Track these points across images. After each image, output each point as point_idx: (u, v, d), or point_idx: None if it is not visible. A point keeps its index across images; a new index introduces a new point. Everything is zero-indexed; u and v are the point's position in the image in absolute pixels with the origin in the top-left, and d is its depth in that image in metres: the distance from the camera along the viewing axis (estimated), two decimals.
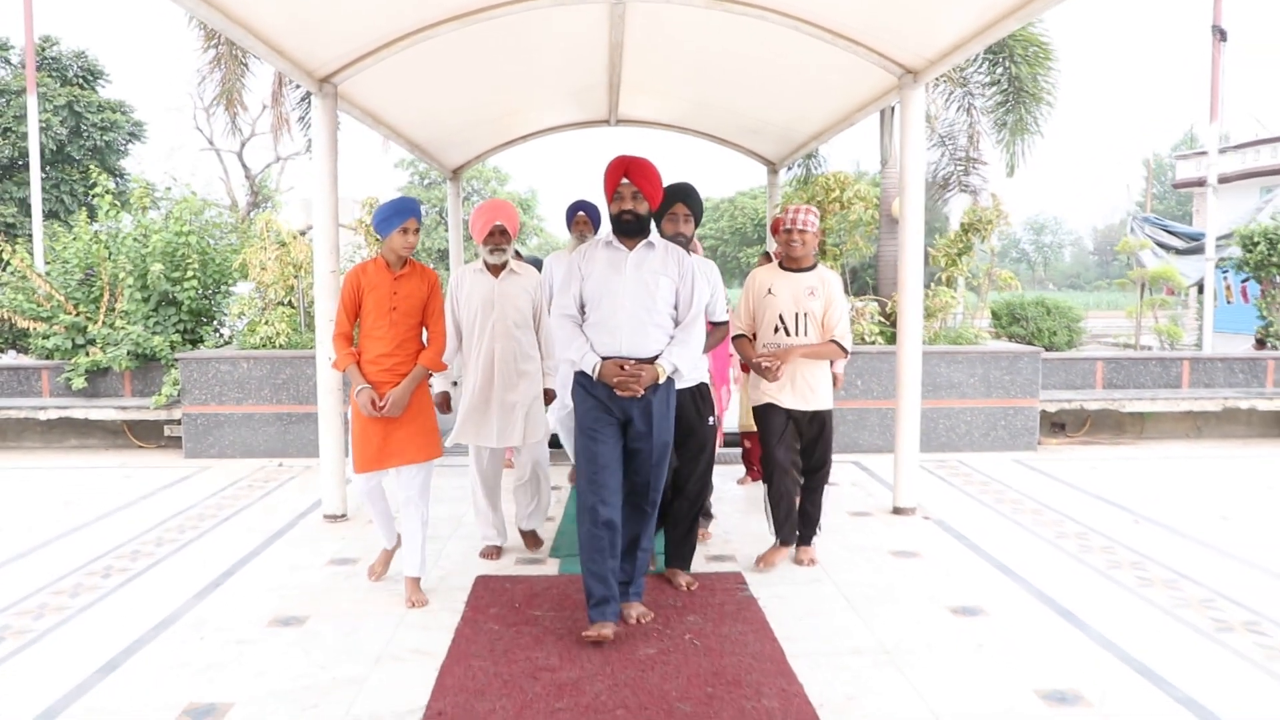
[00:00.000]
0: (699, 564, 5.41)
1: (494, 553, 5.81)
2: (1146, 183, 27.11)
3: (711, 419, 5.13)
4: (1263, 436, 10.25)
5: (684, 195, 5.12)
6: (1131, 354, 10.64)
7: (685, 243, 5.04)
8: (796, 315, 5.35)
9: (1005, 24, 5.48)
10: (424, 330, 5.05)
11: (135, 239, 9.82)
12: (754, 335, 5.56)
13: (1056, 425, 10.08)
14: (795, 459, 5.51)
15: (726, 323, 5.25)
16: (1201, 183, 32.92)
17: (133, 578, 5.44)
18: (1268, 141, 31.35)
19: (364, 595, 5.03)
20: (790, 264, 5.47)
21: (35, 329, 9.73)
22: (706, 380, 5.15)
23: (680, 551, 5.21)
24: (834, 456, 5.70)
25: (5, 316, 9.90)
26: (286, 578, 5.40)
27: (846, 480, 7.87)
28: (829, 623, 4.67)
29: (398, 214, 4.83)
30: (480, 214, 5.47)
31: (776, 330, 5.38)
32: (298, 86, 13.87)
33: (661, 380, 4.45)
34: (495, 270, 5.49)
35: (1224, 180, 31.18)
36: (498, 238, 5.40)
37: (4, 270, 10.50)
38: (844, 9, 6.12)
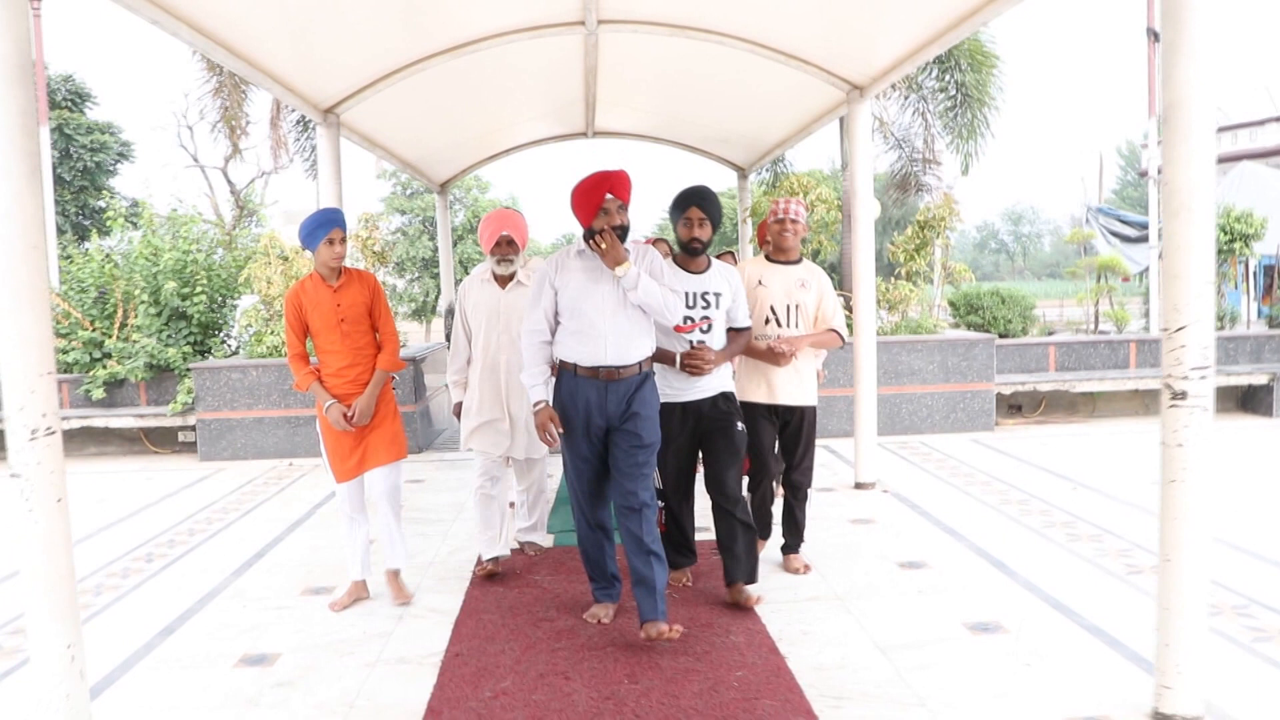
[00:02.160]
0: None
1: (493, 564, 5.50)
2: (1100, 174, 27.86)
3: (740, 424, 4.89)
4: None
5: (699, 199, 4.86)
6: (1082, 337, 11.38)
7: (701, 249, 4.85)
8: (788, 307, 5.28)
9: (932, 48, 6.16)
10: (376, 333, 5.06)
11: (146, 258, 10.43)
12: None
13: (1013, 407, 10.79)
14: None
15: (749, 328, 5.06)
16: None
17: (173, 561, 6.10)
18: (1228, 129, 32.19)
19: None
20: (779, 256, 5.40)
21: (54, 345, 10.33)
22: (731, 389, 4.98)
23: (743, 568, 4.89)
24: None
25: None
26: (311, 556, 6.05)
27: (815, 462, 8.52)
28: (791, 577, 5.34)
29: (321, 226, 4.79)
30: (487, 224, 5.36)
31: (767, 322, 5.27)
32: (293, 110, 14.52)
33: (620, 273, 4.27)
34: (503, 281, 5.39)
35: None
36: (505, 248, 5.31)
37: None
38: (793, 33, 6.79)
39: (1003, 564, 5.49)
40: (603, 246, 4.28)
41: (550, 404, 4.52)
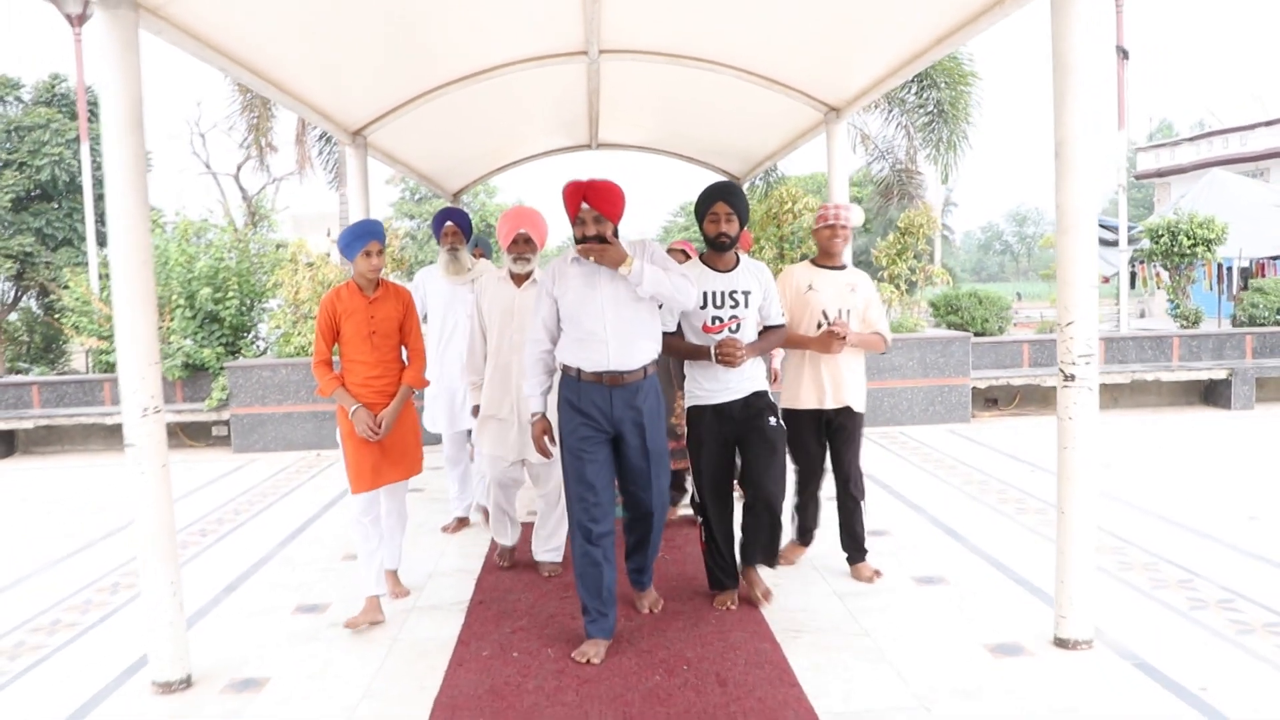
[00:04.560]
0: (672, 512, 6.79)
1: (507, 555, 5.80)
2: None
3: (774, 419, 4.80)
4: (1171, 405, 11.76)
5: (725, 193, 4.77)
6: (1054, 336, 12.11)
7: (730, 244, 4.75)
8: (840, 311, 5.24)
9: (896, 77, 6.88)
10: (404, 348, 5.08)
11: (182, 265, 11.24)
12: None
13: (990, 400, 11.56)
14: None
15: (783, 325, 5.00)
16: (1160, 174, 34.67)
17: (224, 535, 6.89)
18: (1219, 133, 32.97)
19: (413, 539, 6.37)
20: (827, 261, 5.37)
21: (97, 346, 11.18)
22: (765, 388, 4.88)
23: (761, 549, 4.92)
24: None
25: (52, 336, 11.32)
26: (347, 531, 6.82)
27: None
28: None
29: (359, 238, 4.80)
30: (504, 221, 5.31)
31: (819, 326, 5.23)
32: (315, 126, 15.39)
33: (625, 272, 4.26)
34: (518, 280, 5.37)
35: (1182, 170, 32.84)
36: (521, 246, 5.28)
37: (67, 294, 11.94)
38: (776, 60, 7.53)
39: (954, 531, 6.27)
40: (592, 259, 4.29)
41: (546, 414, 4.59)
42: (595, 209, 4.30)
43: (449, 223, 6.54)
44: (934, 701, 3.81)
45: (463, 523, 6.74)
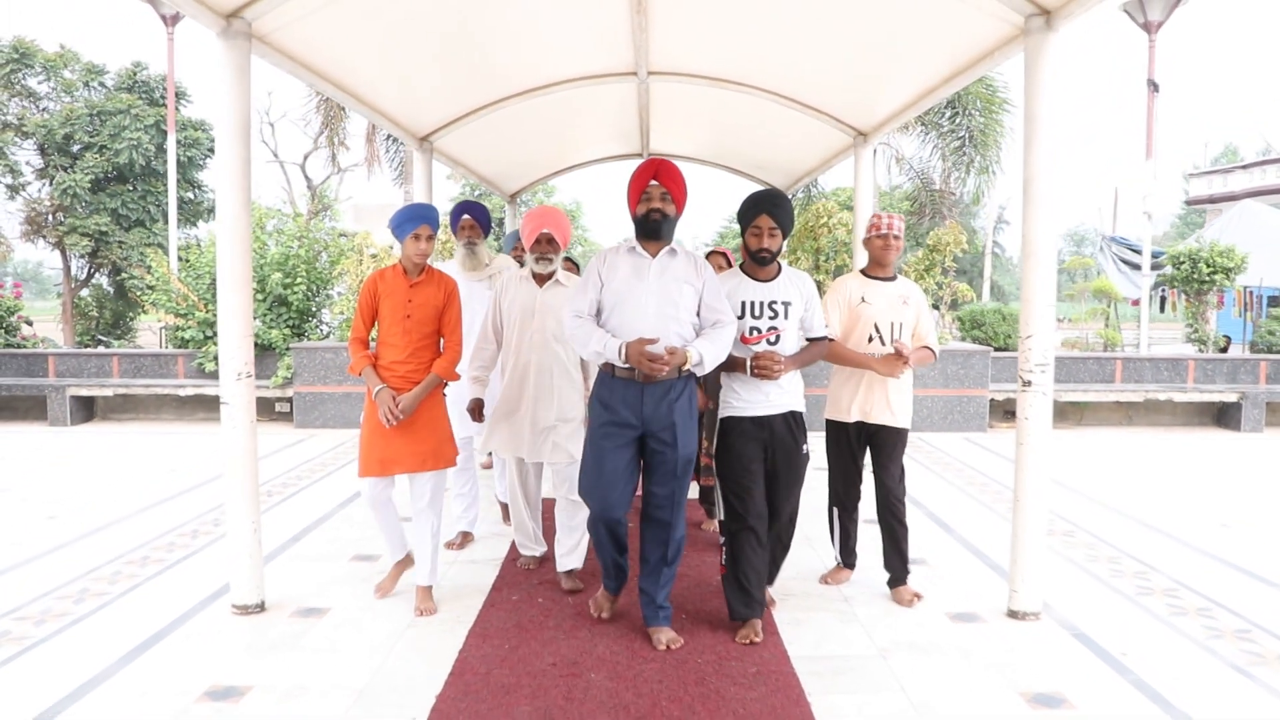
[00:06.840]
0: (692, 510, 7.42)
1: (532, 563, 5.77)
2: (1115, 205, 28.89)
3: (806, 447, 4.79)
4: (1185, 425, 12.24)
5: (770, 204, 4.60)
6: (1074, 353, 12.66)
7: (771, 258, 4.61)
8: (892, 325, 5.17)
9: (921, 104, 7.48)
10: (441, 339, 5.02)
11: (255, 251, 12.11)
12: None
13: (1009, 412, 12.10)
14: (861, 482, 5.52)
15: (825, 338, 4.88)
16: (1213, 200, 34.71)
17: (290, 496, 7.69)
18: (1273, 161, 32.94)
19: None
20: (878, 272, 5.28)
21: (173, 322, 12.09)
22: (801, 407, 4.77)
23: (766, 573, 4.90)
24: (811, 434, 5.41)
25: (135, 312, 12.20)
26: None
27: (821, 450, 9.94)
28: None
29: (410, 220, 4.79)
30: (528, 221, 5.28)
31: (870, 340, 5.17)
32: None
33: (688, 367, 4.29)
34: (540, 279, 5.33)
35: (1234, 198, 32.86)
36: (544, 246, 5.22)
37: (150, 274, 12.88)
38: (808, 86, 8.19)
39: (946, 524, 6.91)
40: (659, 369, 4.24)
41: (592, 396, 4.59)
42: (663, 186, 4.44)
43: (466, 215, 6.30)
44: (891, 653, 4.48)
45: (466, 537, 6.38)
